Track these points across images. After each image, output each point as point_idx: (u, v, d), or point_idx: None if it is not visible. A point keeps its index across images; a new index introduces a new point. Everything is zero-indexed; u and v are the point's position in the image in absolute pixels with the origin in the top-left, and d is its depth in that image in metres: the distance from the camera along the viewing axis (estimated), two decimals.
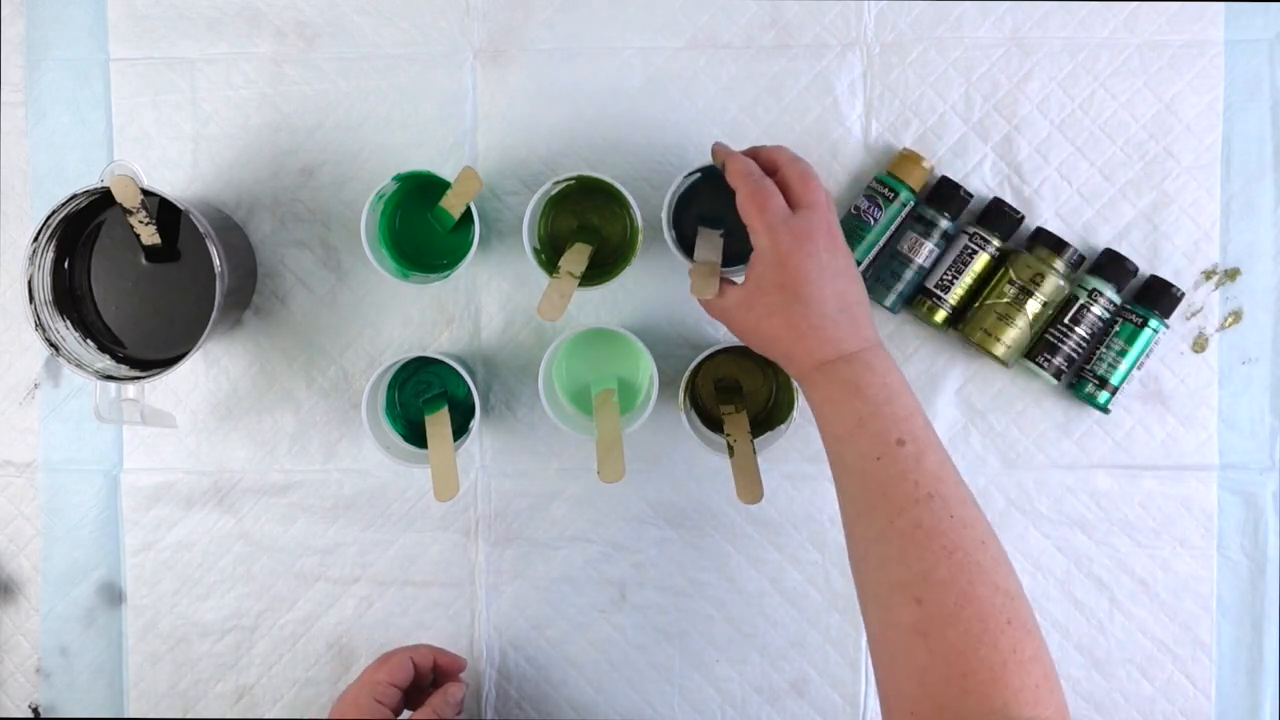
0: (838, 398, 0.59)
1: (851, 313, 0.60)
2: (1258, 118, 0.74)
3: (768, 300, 0.60)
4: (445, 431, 0.69)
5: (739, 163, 0.63)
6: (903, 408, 0.58)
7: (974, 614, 0.52)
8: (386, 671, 0.68)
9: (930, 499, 0.55)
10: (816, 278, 0.59)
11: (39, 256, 0.68)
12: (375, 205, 0.70)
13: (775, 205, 0.60)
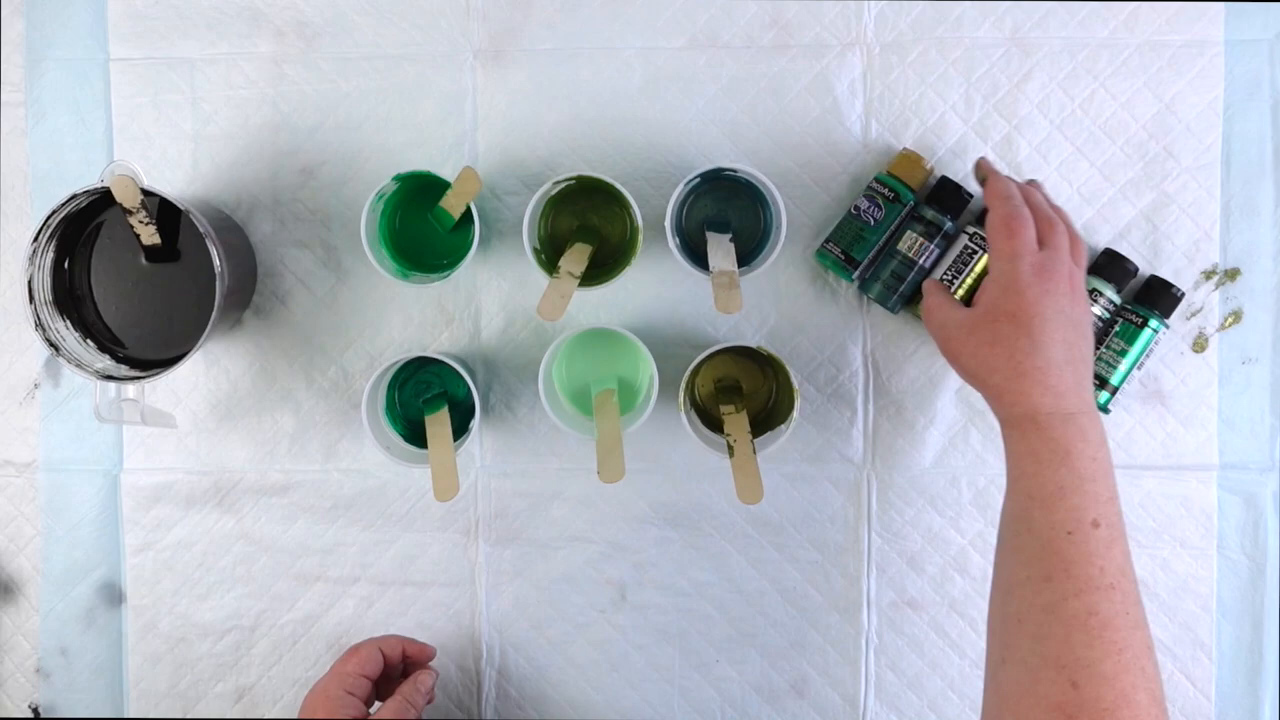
0: (1043, 456, 0.56)
1: (1077, 367, 0.58)
2: (1258, 118, 0.74)
3: (995, 328, 0.58)
4: (445, 431, 0.69)
5: (1001, 184, 0.62)
6: (1105, 488, 0.56)
7: (1128, 717, 0.51)
8: (355, 663, 0.68)
9: (1111, 590, 0.53)
10: (1052, 317, 0.57)
11: (39, 256, 0.68)
12: (375, 205, 0.70)
13: (1026, 235, 0.59)
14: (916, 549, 0.75)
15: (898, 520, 0.75)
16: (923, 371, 0.75)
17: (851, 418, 0.75)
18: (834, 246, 0.73)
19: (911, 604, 0.75)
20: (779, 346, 0.75)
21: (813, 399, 0.75)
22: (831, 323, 0.75)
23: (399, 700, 0.67)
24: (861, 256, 0.73)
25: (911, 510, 0.75)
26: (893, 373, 0.75)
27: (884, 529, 0.75)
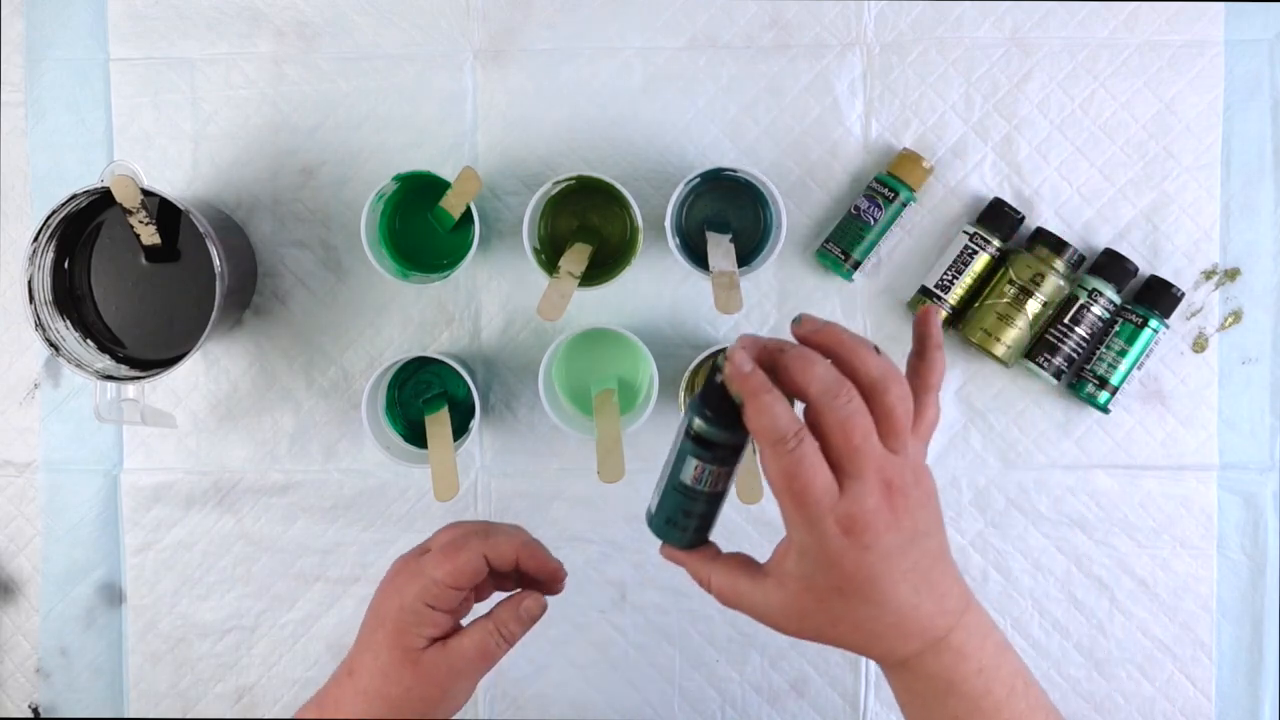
0: (928, 697, 0.49)
1: (933, 585, 0.47)
2: (1258, 118, 0.74)
3: (824, 607, 0.47)
4: (445, 431, 0.69)
5: (766, 415, 0.43)
6: (1001, 685, 0.49)
7: None
8: (449, 572, 0.53)
9: None
10: (884, 571, 0.45)
11: (39, 256, 0.68)
12: (375, 205, 0.70)
13: (817, 487, 0.43)
14: None
15: None
16: None
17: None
18: (834, 246, 0.73)
19: None
20: None
21: None
22: None
23: (489, 630, 0.54)
24: (861, 257, 0.73)
25: None
26: None
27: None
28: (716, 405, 0.46)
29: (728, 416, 0.46)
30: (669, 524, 0.51)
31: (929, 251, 0.75)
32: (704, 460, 0.47)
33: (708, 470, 0.48)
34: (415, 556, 0.56)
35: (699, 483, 0.48)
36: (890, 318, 0.75)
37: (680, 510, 0.50)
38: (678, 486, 0.49)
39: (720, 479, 0.48)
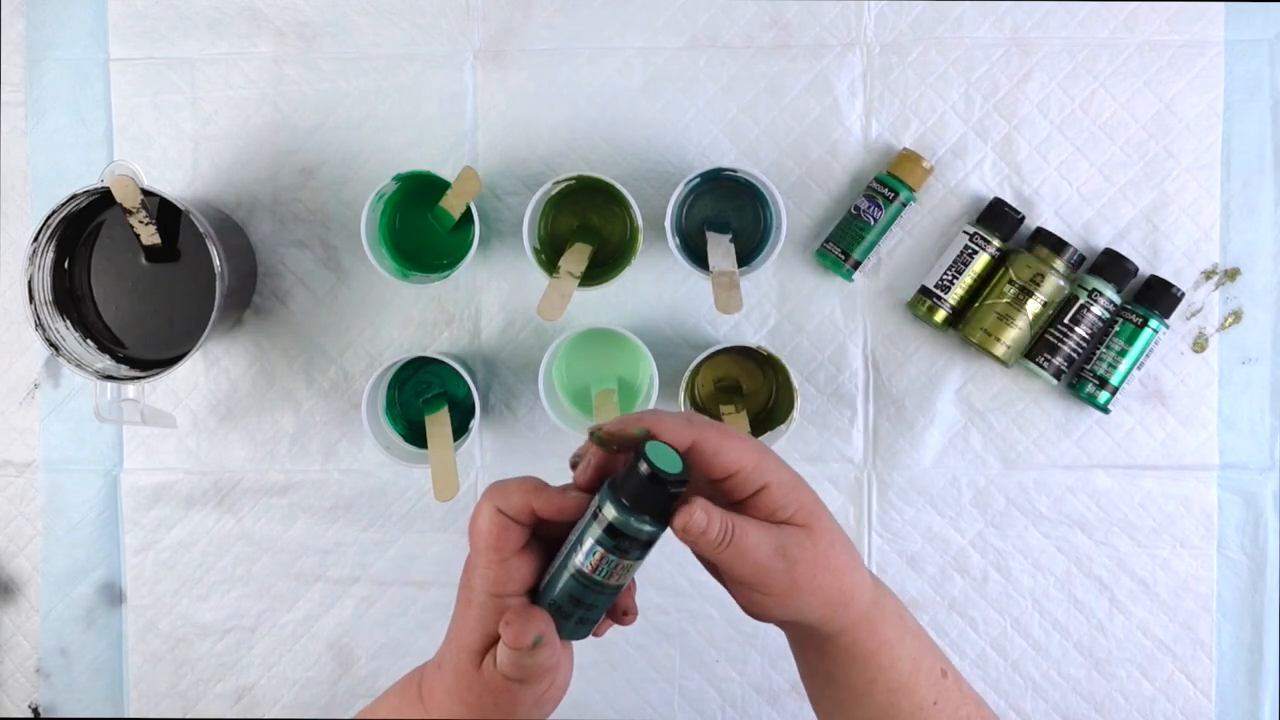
0: (893, 637, 0.49)
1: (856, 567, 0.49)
2: (1258, 118, 0.74)
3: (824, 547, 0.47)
4: (445, 431, 0.69)
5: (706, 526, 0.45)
6: (923, 628, 0.51)
7: None
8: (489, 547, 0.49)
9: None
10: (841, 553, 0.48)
11: (39, 256, 0.68)
12: (375, 205, 0.70)
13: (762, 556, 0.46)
14: (916, 549, 0.75)
15: (898, 520, 0.75)
16: (923, 371, 0.75)
17: (851, 418, 0.75)
18: (834, 246, 0.73)
19: (911, 604, 0.75)
20: (779, 346, 0.75)
21: (813, 399, 0.75)
22: (831, 323, 0.75)
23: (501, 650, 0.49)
24: (861, 257, 0.73)
25: (911, 510, 0.75)
26: (893, 373, 0.75)
27: (884, 529, 0.75)
28: (638, 496, 0.43)
29: (649, 509, 0.43)
30: (557, 610, 0.46)
31: (929, 251, 0.75)
32: (608, 550, 0.44)
33: (610, 562, 0.45)
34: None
35: (597, 572, 0.45)
36: (890, 318, 0.75)
37: (569, 598, 0.46)
38: (575, 573, 0.45)
39: (621, 574, 0.45)
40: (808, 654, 0.51)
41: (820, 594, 0.47)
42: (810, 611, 0.47)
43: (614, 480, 0.44)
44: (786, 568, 0.46)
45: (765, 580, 0.46)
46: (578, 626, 0.47)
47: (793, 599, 0.46)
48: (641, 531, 0.44)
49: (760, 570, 0.46)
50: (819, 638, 0.49)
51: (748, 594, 0.47)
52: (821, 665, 0.50)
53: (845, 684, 0.49)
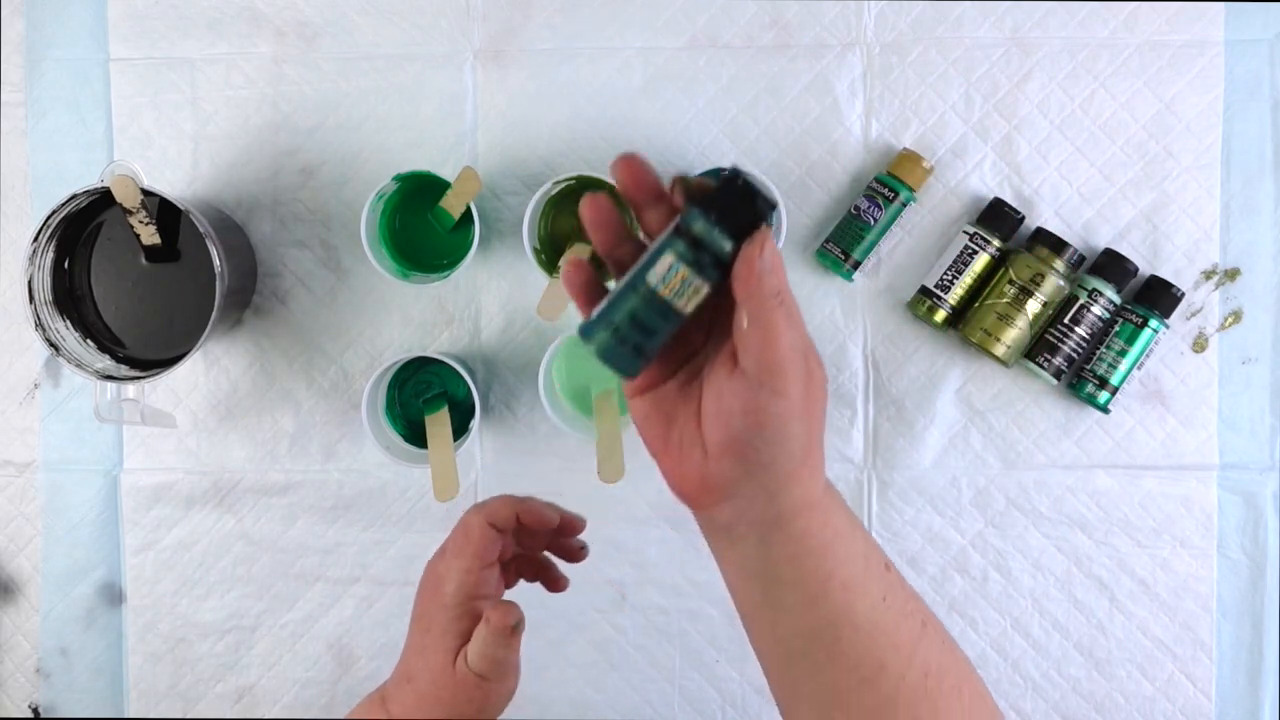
0: (846, 529, 0.45)
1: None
2: (1258, 118, 0.74)
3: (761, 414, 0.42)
4: (445, 431, 0.69)
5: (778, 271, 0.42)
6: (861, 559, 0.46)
7: None
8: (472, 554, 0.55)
9: (924, 628, 0.45)
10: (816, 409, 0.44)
11: (39, 256, 0.68)
12: (375, 205, 0.70)
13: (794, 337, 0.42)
14: (916, 549, 0.75)
15: (898, 520, 0.75)
16: (923, 371, 0.75)
17: (851, 418, 0.75)
18: (834, 246, 0.73)
19: None
20: None
21: None
22: (831, 322, 0.75)
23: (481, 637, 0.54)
24: (861, 257, 0.73)
25: (911, 510, 0.75)
26: (893, 373, 0.75)
27: (884, 529, 0.75)
28: (727, 207, 0.41)
29: (733, 226, 0.41)
30: (614, 333, 0.42)
31: (929, 251, 0.75)
32: (685, 262, 0.41)
33: (684, 281, 0.42)
34: (439, 557, 0.57)
35: (665, 284, 0.42)
36: (890, 318, 0.75)
37: (632, 319, 0.42)
38: (645, 291, 0.42)
39: (690, 297, 0.42)
40: (746, 549, 0.44)
41: (809, 432, 0.42)
42: (791, 454, 0.42)
43: (702, 198, 0.42)
44: (807, 372, 0.42)
45: (792, 371, 0.41)
46: (631, 356, 0.43)
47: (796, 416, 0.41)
48: (722, 247, 0.41)
49: (787, 359, 0.41)
50: (767, 522, 0.43)
51: (751, 397, 0.41)
52: (767, 563, 0.44)
53: (796, 584, 0.44)
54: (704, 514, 0.45)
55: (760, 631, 0.46)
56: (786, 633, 0.45)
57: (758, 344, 0.41)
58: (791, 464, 0.42)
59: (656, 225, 0.44)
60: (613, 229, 0.45)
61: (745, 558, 0.45)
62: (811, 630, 0.44)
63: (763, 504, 0.43)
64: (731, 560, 0.46)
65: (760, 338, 0.41)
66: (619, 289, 0.43)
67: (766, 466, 0.42)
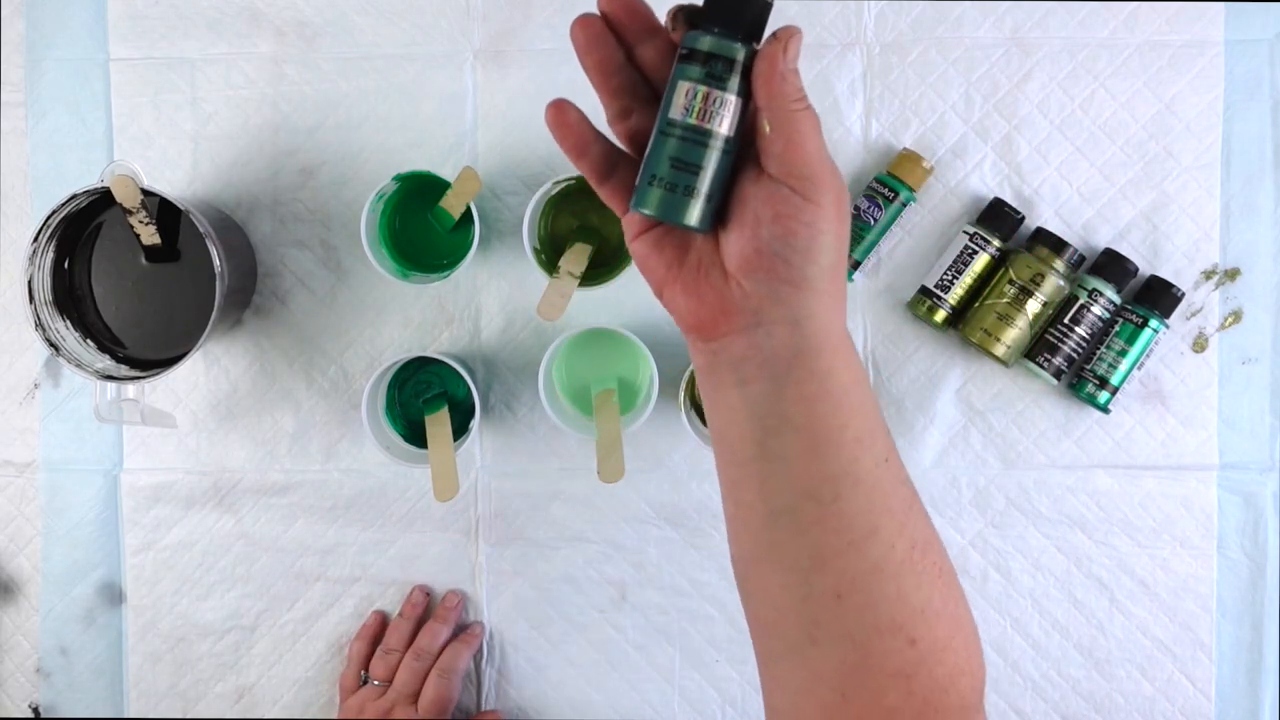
0: (861, 375, 0.42)
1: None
2: (1258, 118, 0.74)
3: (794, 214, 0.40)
4: (445, 431, 0.69)
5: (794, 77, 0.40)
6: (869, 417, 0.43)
7: (961, 642, 0.43)
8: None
9: (914, 499, 0.43)
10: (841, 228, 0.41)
11: (39, 256, 0.68)
12: (375, 205, 0.70)
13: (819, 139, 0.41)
14: None
15: None
16: (923, 371, 0.75)
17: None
18: None
19: None
20: None
21: None
22: None
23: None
24: (861, 257, 0.73)
25: None
26: (893, 373, 0.75)
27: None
28: (725, 10, 0.39)
29: (739, 25, 0.39)
30: (664, 186, 0.39)
31: (929, 251, 0.75)
32: (699, 81, 0.39)
33: (704, 96, 0.39)
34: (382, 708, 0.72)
35: (688, 111, 0.39)
36: (890, 317, 0.75)
37: (672, 162, 0.39)
38: (667, 129, 0.39)
39: (716, 110, 0.39)
40: (754, 390, 0.41)
41: (839, 247, 0.40)
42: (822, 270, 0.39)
43: (693, 16, 0.40)
44: (837, 182, 0.39)
45: (822, 176, 0.39)
46: (693, 202, 0.39)
47: (828, 225, 0.39)
48: (735, 52, 0.39)
49: (817, 163, 0.39)
50: (787, 355, 0.40)
51: (781, 200, 0.39)
52: (779, 404, 0.40)
53: (807, 431, 0.40)
54: (713, 345, 0.42)
55: (744, 488, 0.42)
56: (779, 487, 0.41)
57: (783, 147, 0.39)
58: (822, 282, 0.39)
59: (653, 62, 0.41)
60: (608, 51, 0.42)
61: (750, 400, 0.41)
62: (809, 485, 0.41)
63: (785, 333, 0.40)
64: (730, 404, 0.42)
65: (785, 141, 0.39)
66: (651, 143, 0.40)
67: (796, 284, 0.39)
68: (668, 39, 0.41)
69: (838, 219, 0.39)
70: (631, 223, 0.43)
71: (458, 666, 0.74)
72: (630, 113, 0.42)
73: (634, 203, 0.40)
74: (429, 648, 0.74)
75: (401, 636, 0.75)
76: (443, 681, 0.73)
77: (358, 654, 0.75)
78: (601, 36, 0.42)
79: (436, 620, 0.75)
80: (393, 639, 0.75)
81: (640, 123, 0.42)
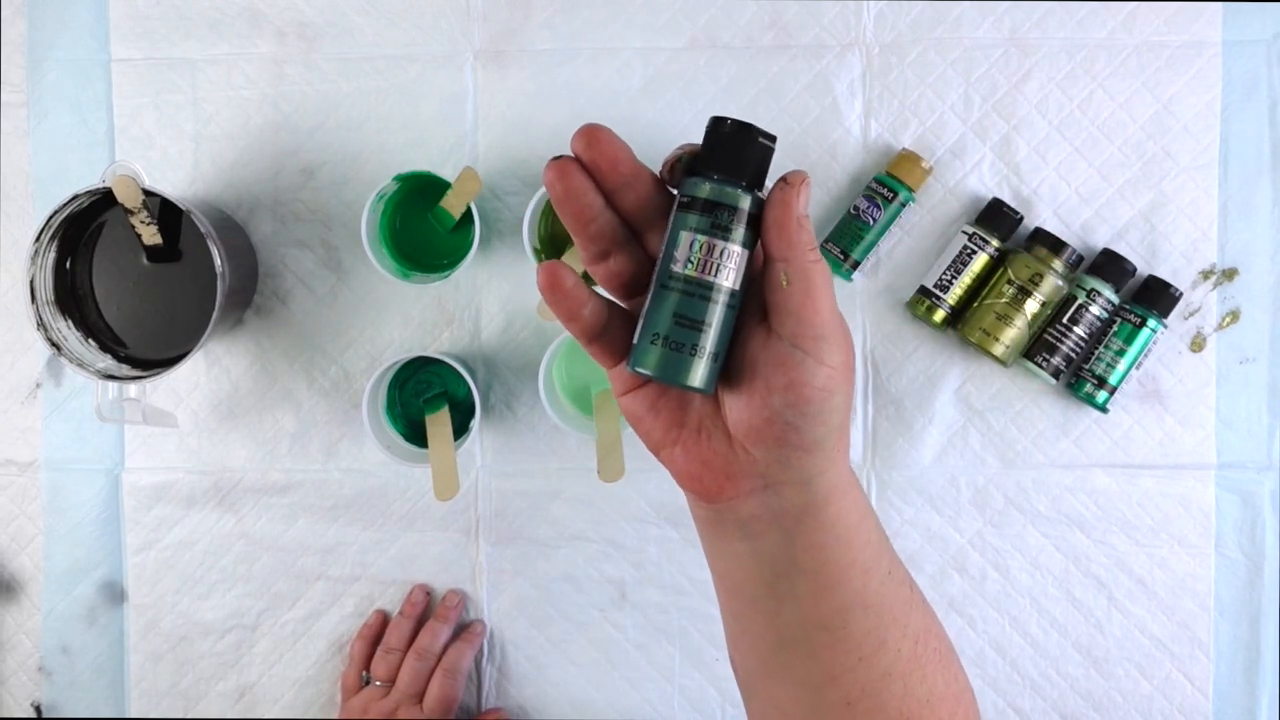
0: (865, 507, 0.42)
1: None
2: (1255, 118, 0.74)
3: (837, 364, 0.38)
4: (445, 431, 0.69)
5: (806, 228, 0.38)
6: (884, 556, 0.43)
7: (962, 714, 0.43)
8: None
9: (911, 592, 0.43)
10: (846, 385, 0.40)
11: (41, 256, 0.69)
12: (376, 205, 0.70)
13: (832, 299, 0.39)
14: (915, 548, 0.76)
15: (897, 519, 0.75)
16: (922, 371, 0.75)
17: (851, 417, 0.75)
18: (833, 246, 0.73)
19: None
20: None
21: None
22: None
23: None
24: (861, 257, 0.73)
25: (910, 509, 0.75)
26: (892, 372, 0.75)
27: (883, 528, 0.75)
28: (725, 156, 0.37)
29: (740, 171, 0.37)
30: (668, 345, 0.37)
31: (928, 251, 0.75)
32: (702, 231, 0.36)
33: (704, 241, 0.36)
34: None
35: (690, 263, 0.36)
36: (889, 317, 0.75)
37: (675, 319, 0.37)
38: (669, 282, 0.37)
39: (720, 261, 0.36)
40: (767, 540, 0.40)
41: (847, 407, 0.38)
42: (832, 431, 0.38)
43: (692, 163, 0.38)
44: (846, 332, 0.38)
45: (836, 336, 0.37)
46: (697, 361, 0.37)
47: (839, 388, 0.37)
48: (737, 196, 0.36)
49: (830, 321, 0.37)
50: (796, 511, 0.39)
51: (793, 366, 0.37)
52: (788, 552, 0.40)
53: (816, 573, 0.40)
54: (718, 506, 0.40)
55: (751, 620, 0.42)
56: (789, 620, 0.41)
57: (799, 303, 0.36)
58: (831, 442, 0.38)
59: (634, 205, 0.39)
60: (588, 199, 0.38)
61: (758, 550, 0.40)
62: (820, 618, 0.40)
63: (794, 493, 0.39)
64: (736, 553, 0.41)
65: (803, 295, 0.36)
66: (650, 297, 0.37)
67: (807, 449, 0.38)
68: (651, 181, 0.39)
69: (847, 378, 0.38)
70: (619, 378, 0.40)
71: (461, 666, 0.74)
72: (609, 255, 0.39)
73: (632, 362, 0.38)
74: (431, 648, 0.74)
75: (402, 636, 0.75)
76: (448, 681, 0.73)
77: (359, 653, 0.75)
78: (580, 186, 0.38)
79: (437, 620, 0.75)
80: (393, 638, 0.75)
81: (620, 265, 0.39)
